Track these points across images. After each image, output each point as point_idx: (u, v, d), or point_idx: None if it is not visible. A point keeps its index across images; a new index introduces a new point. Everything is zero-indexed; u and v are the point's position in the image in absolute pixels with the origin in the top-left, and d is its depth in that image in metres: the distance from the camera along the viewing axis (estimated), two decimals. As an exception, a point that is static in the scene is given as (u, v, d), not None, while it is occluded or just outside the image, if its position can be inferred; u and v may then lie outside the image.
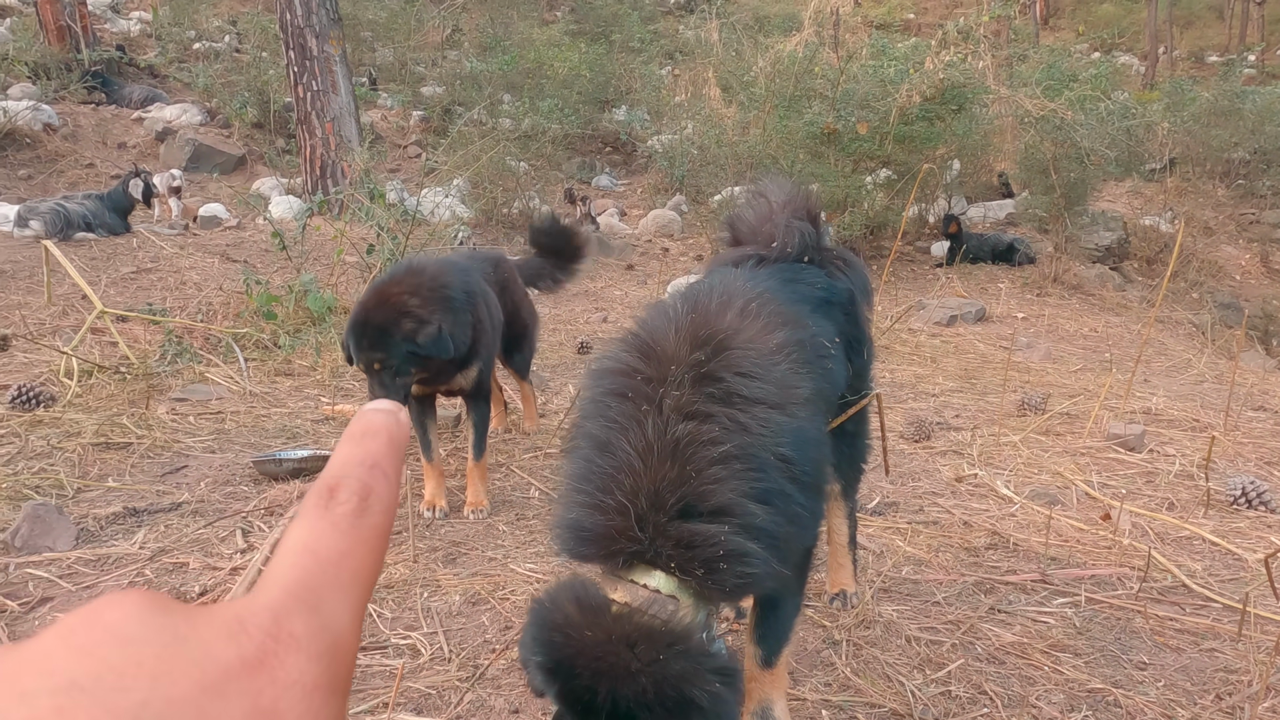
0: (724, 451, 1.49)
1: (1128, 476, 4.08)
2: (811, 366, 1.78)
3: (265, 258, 8.42)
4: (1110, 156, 9.91)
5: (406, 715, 1.95)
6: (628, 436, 1.52)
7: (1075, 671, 2.24)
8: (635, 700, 1.31)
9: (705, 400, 1.53)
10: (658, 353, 1.62)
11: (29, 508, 2.83)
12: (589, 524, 1.49)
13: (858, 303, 2.18)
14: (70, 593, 2.50)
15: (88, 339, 5.68)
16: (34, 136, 12.83)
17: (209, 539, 2.86)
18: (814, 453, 1.66)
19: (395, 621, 2.39)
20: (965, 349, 7.46)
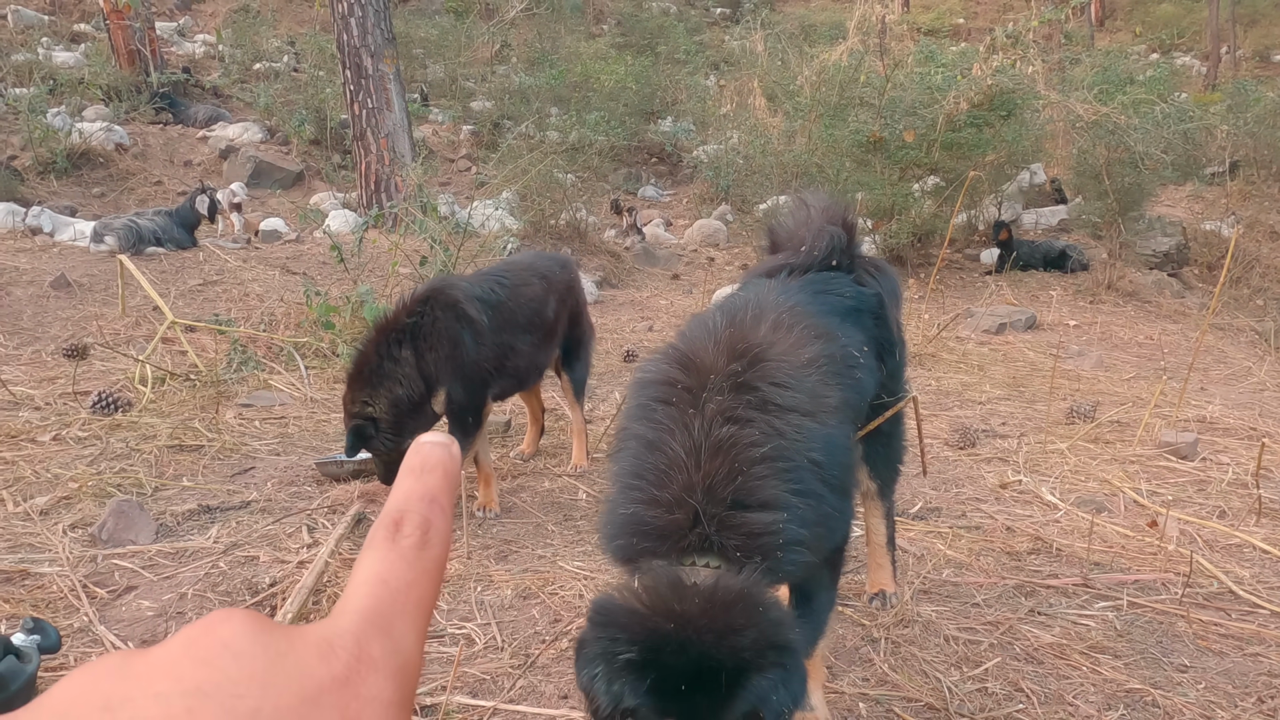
0: (764, 452, 1.60)
1: (1178, 484, 4.04)
2: (840, 378, 1.88)
3: (324, 270, 8.72)
4: (1166, 161, 9.71)
5: (463, 698, 2.07)
6: (675, 437, 1.64)
7: (1114, 672, 2.27)
8: (748, 654, 1.39)
9: (744, 407, 1.64)
10: (697, 364, 1.74)
11: (114, 504, 3.04)
12: (649, 518, 1.59)
13: (887, 308, 2.26)
14: (152, 582, 2.69)
15: (159, 348, 5.98)
16: (107, 156, 13.44)
17: (277, 534, 3.03)
18: (842, 458, 1.76)
19: (451, 613, 2.52)
20: (1014, 357, 7.40)
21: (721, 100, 16.39)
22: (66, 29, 18.47)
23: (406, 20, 18.66)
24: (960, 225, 11.50)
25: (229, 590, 2.60)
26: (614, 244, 11.51)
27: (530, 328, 3.52)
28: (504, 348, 3.36)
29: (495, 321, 3.33)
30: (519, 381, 3.59)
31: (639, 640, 1.42)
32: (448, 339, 3.15)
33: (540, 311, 3.61)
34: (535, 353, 3.59)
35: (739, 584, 1.51)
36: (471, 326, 3.24)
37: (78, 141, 12.83)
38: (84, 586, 2.61)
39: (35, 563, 2.77)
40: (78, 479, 3.49)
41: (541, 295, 3.64)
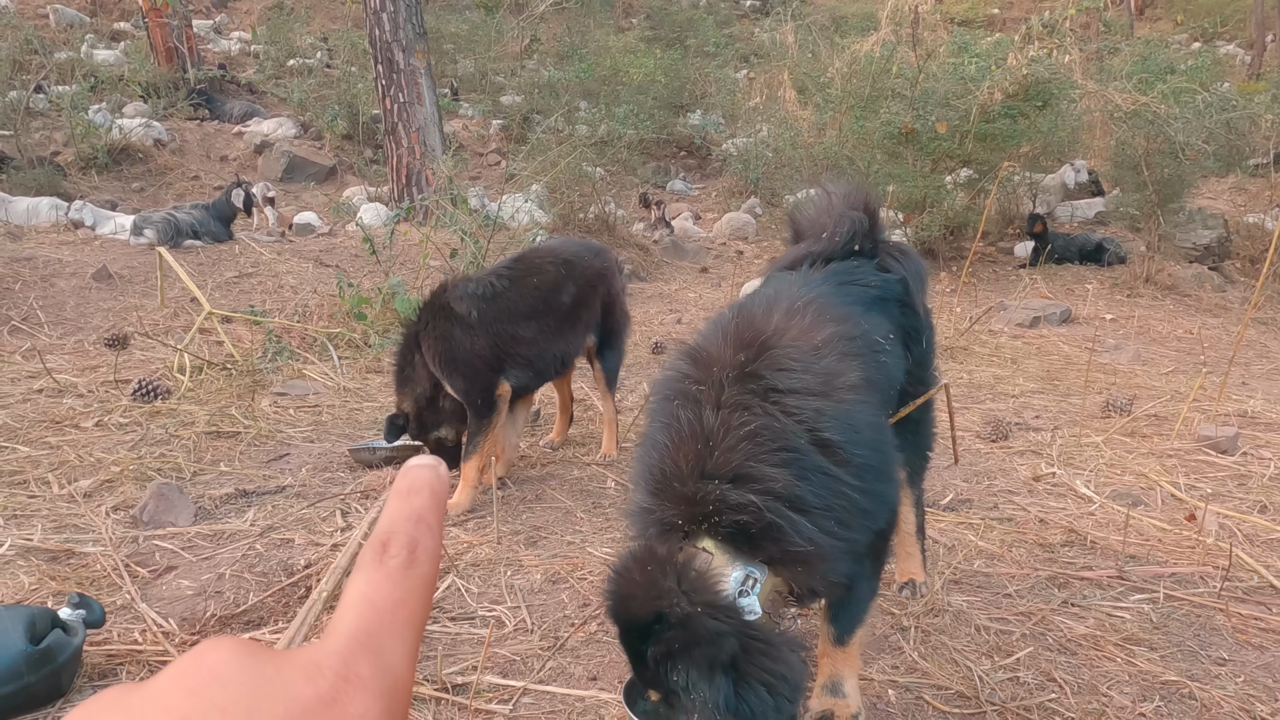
0: (749, 430, 1.60)
1: (1217, 479, 3.97)
2: (862, 358, 1.86)
3: (356, 263, 8.83)
4: (1208, 151, 9.50)
5: (494, 677, 2.09)
6: (670, 432, 1.68)
7: (1149, 664, 2.24)
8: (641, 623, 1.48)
9: (743, 395, 1.66)
10: (705, 359, 1.76)
11: (155, 486, 3.11)
12: (652, 508, 1.65)
13: (912, 292, 2.23)
14: (192, 563, 2.75)
15: (197, 338, 6.10)
16: (146, 151, 13.70)
17: (312, 518, 3.09)
18: (868, 435, 1.73)
19: (481, 596, 2.55)
20: (1048, 351, 7.29)
21: (751, 93, 16.33)
22: (107, 27, 18.86)
23: (437, 15, 18.79)
24: (994, 218, 11.35)
25: (265, 571, 2.66)
26: (642, 237, 11.52)
27: (535, 315, 3.51)
28: (502, 337, 3.40)
29: (490, 313, 3.39)
30: (536, 369, 3.56)
31: (621, 606, 1.54)
32: (439, 337, 3.36)
33: (550, 299, 3.57)
34: (549, 340, 3.55)
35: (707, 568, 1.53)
36: (460, 323, 3.36)
37: (118, 138, 13.11)
38: (126, 566, 2.68)
39: (79, 543, 2.85)
40: (119, 463, 3.57)
41: (554, 282, 3.59)
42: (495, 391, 3.38)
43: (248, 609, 2.43)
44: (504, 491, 3.52)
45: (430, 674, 2.07)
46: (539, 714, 1.95)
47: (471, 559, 2.80)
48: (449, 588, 2.59)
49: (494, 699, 2.00)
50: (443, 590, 2.57)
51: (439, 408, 3.48)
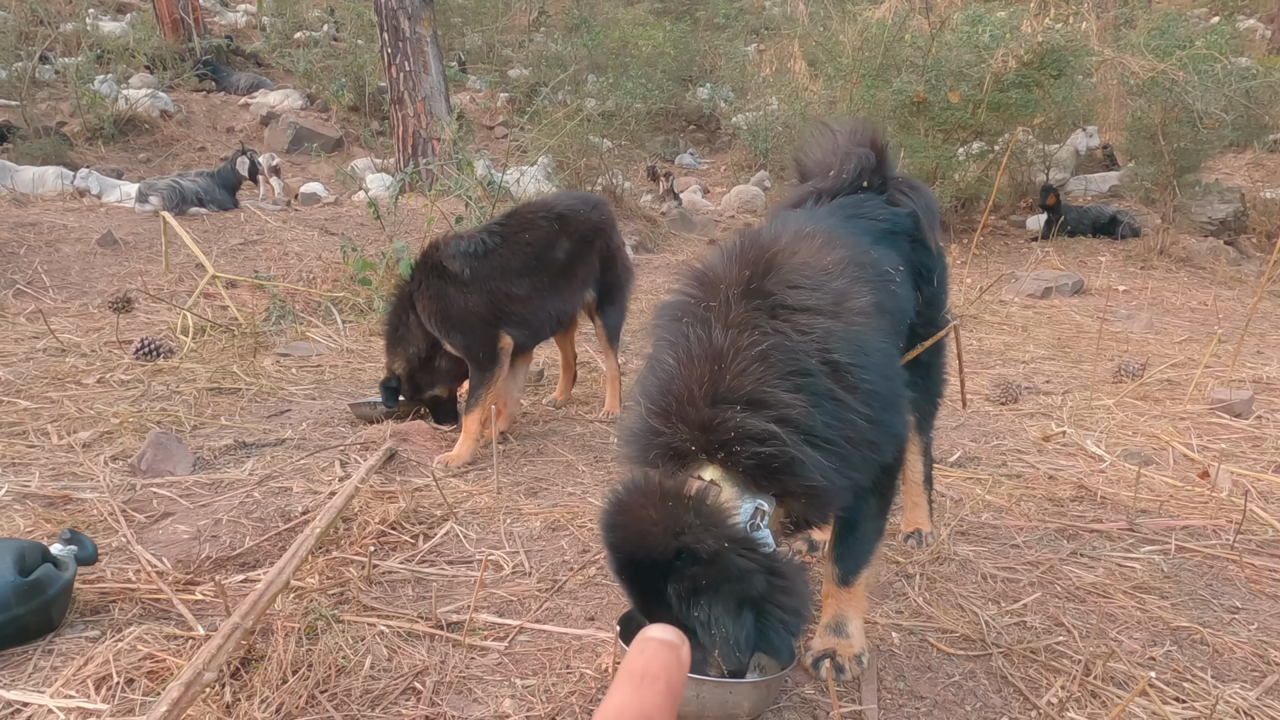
0: (760, 351, 1.54)
1: (1231, 441, 3.90)
2: (873, 284, 1.79)
3: (361, 231, 8.78)
4: (1226, 121, 9.31)
5: (490, 615, 2.06)
6: (674, 352, 1.62)
7: (1160, 611, 2.19)
8: (663, 551, 1.42)
9: (750, 313, 1.59)
10: (710, 279, 1.69)
11: (153, 435, 3.08)
12: (641, 429, 1.59)
13: (923, 226, 2.16)
14: (189, 509, 2.72)
15: (201, 303, 6.08)
16: (152, 122, 13.64)
17: (310, 468, 3.06)
18: (878, 361, 1.66)
19: (480, 542, 2.52)
20: (1059, 320, 7.20)
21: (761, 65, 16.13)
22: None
23: (444, -14, 18.55)
24: (1005, 190, 11.20)
25: (262, 517, 2.63)
26: (650, 209, 11.43)
27: (528, 272, 3.44)
28: (496, 295, 3.35)
29: (482, 270, 3.34)
30: (531, 328, 3.50)
31: (610, 529, 1.52)
32: (434, 296, 3.34)
33: (544, 254, 3.49)
34: (543, 297, 3.49)
35: (708, 494, 1.48)
36: (453, 281, 3.32)
37: (124, 108, 13.04)
38: (123, 511, 2.65)
39: (77, 489, 2.83)
40: (119, 415, 3.55)
41: (548, 237, 3.51)
42: (497, 344, 3.34)
43: (243, 552, 2.40)
44: (505, 446, 3.48)
45: (425, 612, 2.04)
46: (535, 651, 1.92)
47: (471, 507, 2.77)
48: (447, 533, 2.56)
49: (489, 636, 1.97)
50: (440, 536, 2.54)
51: (434, 367, 3.47)
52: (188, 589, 2.16)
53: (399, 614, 2.04)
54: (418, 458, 3.25)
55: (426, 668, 1.81)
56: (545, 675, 1.81)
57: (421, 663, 1.84)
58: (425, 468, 3.13)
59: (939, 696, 1.79)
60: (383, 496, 2.77)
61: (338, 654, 1.83)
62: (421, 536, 2.54)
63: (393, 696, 1.72)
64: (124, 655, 1.78)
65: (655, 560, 1.44)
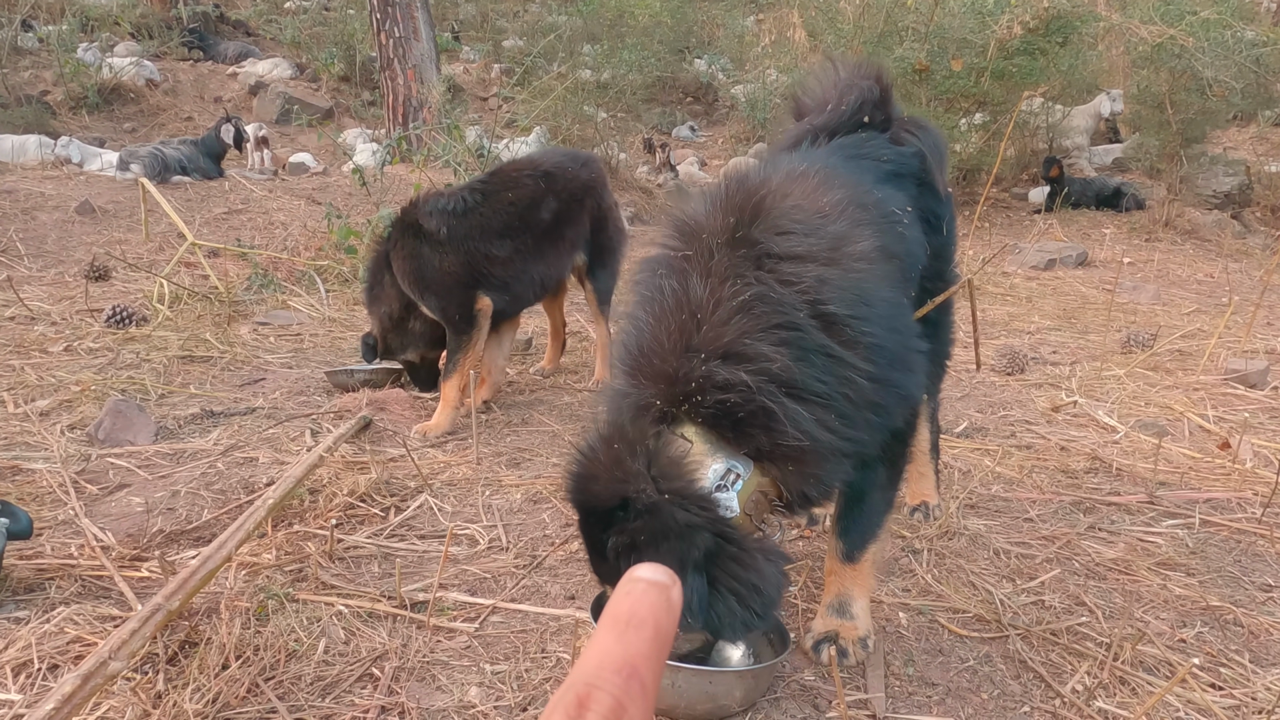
0: (741, 302, 1.37)
1: (1247, 412, 3.74)
2: (878, 227, 1.60)
3: (349, 200, 8.55)
4: (1235, 88, 9.08)
5: (460, 595, 1.89)
6: (649, 306, 1.46)
7: (1187, 590, 2.03)
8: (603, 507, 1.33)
9: (734, 261, 1.42)
10: (693, 227, 1.52)
11: (111, 403, 2.90)
12: (629, 389, 1.44)
13: (931, 168, 1.97)
14: (146, 480, 2.55)
15: (181, 272, 5.88)
16: (137, 91, 13.34)
17: (279, 437, 2.88)
18: (882, 311, 1.48)
19: (456, 515, 2.35)
20: (1064, 291, 7.03)
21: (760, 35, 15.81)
22: (97, -36, 18.30)
23: (437, -47, 18.15)
24: (1009, 161, 10.98)
25: (224, 489, 2.46)
26: (646, 180, 11.20)
27: (510, 233, 3.23)
28: (474, 256, 3.15)
29: (460, 230, 3.15)
30: (512, 292, 3.29)
31: (574, 487, 1.40)
32: (408, 256, 3.17)
33: (529, 214, 3.28)
34: (526, 260, 3.28)
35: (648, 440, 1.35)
36: (429, 240, 3.14)
37: (108, 77, 12.73)
38: (74, 482, 2.48)
39: (28, 459, 2.65)
40: (81, 383, 3.37)
41: (533, 196, 3.30)
42: (474, 306, 3.14)
43: (199, 526, 2.23)
44: (489, 415, 3.31)
45: (389, 590, 1.87)
46: (508, 633, 1.75)
47: (448, 478, 2.60)
48: (420, 506, 2.39)
49: (459, 617, 1.80)
50: (413, 509, 2.36)
51: (408, 329, 3.30)
52: (133, 565, 1.99)
53: (360, 593, 1.87)
54: (394, 427, 3.08)
55: (386, 652, 1.65)
56: (518, 660, 1.64)
57: (381, 646, 1.67)
58: (402, 437, 2.95)
59: (952, 683, 1.63)
60: (353, 467, 2.60)
61: (289, 637, 1.66)
62: (393, 509, 2.37)
63: (347, 684, 1.55)
64: (49, 639, 1.61)
65: (600, 510, 1.34)
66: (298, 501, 2.32)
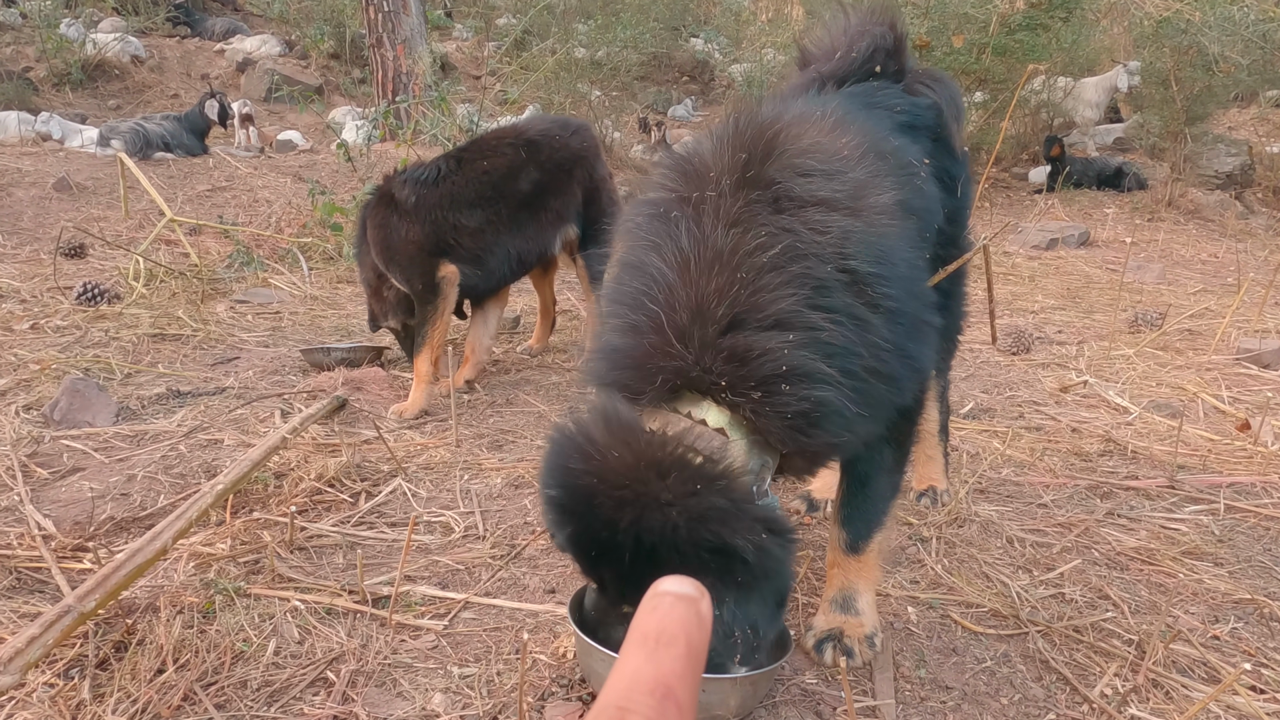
0: (772, 257, 1.20)
1: (1262, 393, 3.59)
2: (897, 178, 1.44)
3: (336, 178, 8.36)
4: (1242, 64, 8.89)
5: (430, 589, 1.73)
6: (660, 253, 1.27)
7: (1216, 580, 1.88)
8: (662, 538, 1.06)
9: (750, 206, 1.25)
10: (696, 165, 1.34)
11: (68, 382, 2.74)
12: (622, 345, 1.24)
13: (948, 124, 1.80)
14: (102, 464, 2.39)
15: (162, 250, 5.70)
16: (122, 68, 13.07)
17: (247, 418, 2.72)
18: (904, 272, 1.32)
19: (430, 501, 2.19)
20: (1067, 271, 6.88)
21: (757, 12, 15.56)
22: (80, -62, 17.93)
23: (428, -72, 17.80)
24: (1010, 139, 10.80)
25: (184, 473, 2.29)
26: (641, 160, 11.00)
27: (482, 202, 3.06)
28: (442, 226, 2.99)
29: (430, 198, 2.99)
30: (485, 267, 3.11)
31: (559, 482, 1.15)
32: (378, 225, 3.05)
33: (504, 185, 3.11)
34: (500, 232, 3.10)
35: (706, 445, 1.14)
36: (398, 209, 3.01)
37: (92, 53, 12.46)
38: (23, 466, 2.32)
39: (-24, 442, 2.48)
40: (41, 362, 3.20)
41: (510, 166, 3.12)
42: (436, 274, 2.98)
43: (154, 513, 2.07)
44: (471, 395, 3.15)
45: (351, 584, 1.72)
46: (480, 631, 1.59)
47: (424, 461, 2.44)
48: (393, 491, 2.23)
49: (427, 613, 1.65)
50: (385, 494, 2.21)
51: (383, 298, 3.17)
52: (75, 556, 1.83)
53: (320, 586, 1.71)
54: (371, 408, 2.91)
55: (344, 653, 1.49)
56: (489, 662, 1.49)
57: (339, 647, 1.51)
58: (374, 418, 2.79)
59: (968, 686, 1.48)
60: (324, 450, 2.44)
61: (237, 636, 1.51)
62: (364, 495, 2.21)
63: (297, 689, 1.40)
64: (-33, 639, 1.46)
65: (649, 538, 1.09)
66: (261, 486, 2.17)
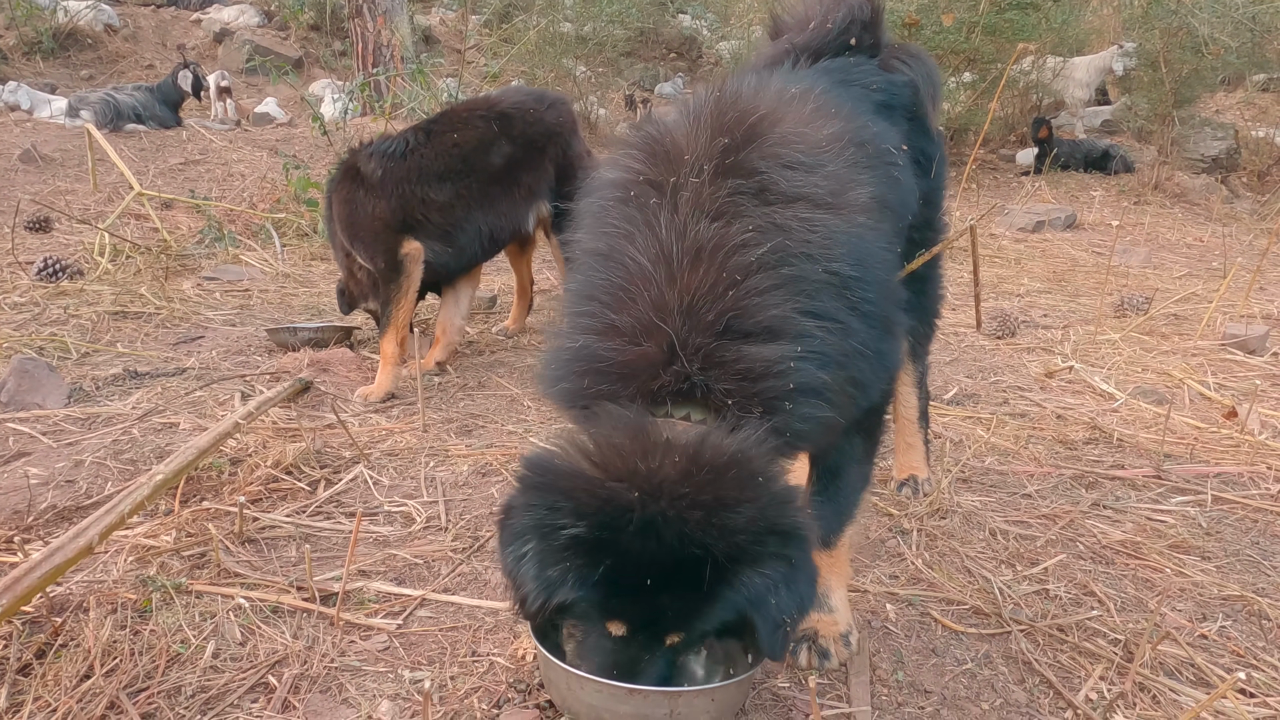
0: (762, 256, 1.12)
1: (1248, 379, 3.54)
2: (874, 171, 1.37)
3: (315, 153, 8.17)
4: (1231, 47, 8.83)
5: (384, 584, 1.65)
6: (635, 243, 1.17)
7: (1204, 576, 1.83)
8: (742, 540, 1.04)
9: (734, 195, 1.16)
10: (669, 147, 1.25)
11: (16, 362, 2.61)
12: (606, 351, 1.14)
13: (924, 103, 1.73)
14: (50, 449, 2.28)
15: (131, 225, 5.53)
16: (95, 37, 12.73)
17: (205, 401, 2.61)
18: (880, 274, 1.26)
19: (392, 489, 2.10)
20: (1053, 253, 6.83)
21: (747, -13, 15.33)
22: (51, -98, 17.41)
23: (411, -104, 17.41)
24: (999, 120, 10.72)
25: (135, 458, 2.19)
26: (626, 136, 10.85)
27: (453, 176, 2.95)
28: (409, 200, 2.88)
29: (396, 172, 2.89)
30: (455, 244, 3.00)
31: (589, 512, 1.03)
32: (343, 201, 2.94)
33: (475, 158, 2.99)
34: (470, 207, 3.00)
35: (734, 444, 1.06)
36: (364, 183, 2.90)
37: (64, 21, 12.12)
38: (-36, 451, 2.21)
39: (-83, 425, 2.37)
40: (-7, 340, 3.07)
41: (482, 139, 3.01)
42: (399, 251, 2.87)
43: (100, 501, 1.97)
44: (442, 378, 3.05)
45: (300, 579, 1.62)
46: (435, 631, 1.51)
47: (389, 447, 2.35)
48: (354, 479, 2.13)
49: (380, 611, 1.56)
50: (345, 482, 2.11)
51: (356, 278, 3.05)
52: (10, 548, 1.73)
53: (267, 582, 1.62)
54: (337, 390, 2.81)
55: (288, 655, 1.40)
56: (443, 664, 1.41)
57: (283, 649, 1.42)
58: (335, 402, 2.68)
59: (947, 690, 1.42)
60: (284, 435, 2.34)
61: (174, 637, 1.42)
62: (323, 483, 2.11)
63: (235, 695, 1.31)
64: (-120, 641, 1.36)
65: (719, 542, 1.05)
66: (215, 473, 2.07)
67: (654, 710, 1.13)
